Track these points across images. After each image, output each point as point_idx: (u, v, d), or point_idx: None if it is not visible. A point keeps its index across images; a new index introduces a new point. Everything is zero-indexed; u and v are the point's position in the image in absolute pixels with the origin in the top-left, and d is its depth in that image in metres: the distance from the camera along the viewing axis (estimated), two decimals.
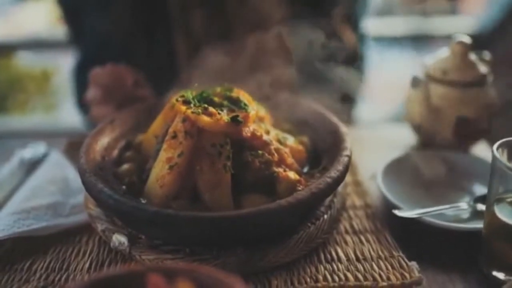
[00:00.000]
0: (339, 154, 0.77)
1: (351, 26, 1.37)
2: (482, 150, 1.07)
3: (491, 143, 1.08)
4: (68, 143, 1.08)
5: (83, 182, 0.72)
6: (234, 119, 0.72)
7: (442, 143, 1.01)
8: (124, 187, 0.74)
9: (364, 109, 1.68)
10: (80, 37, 1.39)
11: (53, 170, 0.94)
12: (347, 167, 0.75)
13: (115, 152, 0.84)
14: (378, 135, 1.21)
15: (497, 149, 0.69)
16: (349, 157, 0.77)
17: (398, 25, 2.95)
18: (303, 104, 0.93)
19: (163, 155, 0.72)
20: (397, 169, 0.93)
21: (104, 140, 0.84)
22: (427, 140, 1.04)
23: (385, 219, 0.83)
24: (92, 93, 1.03)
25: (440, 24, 3.00)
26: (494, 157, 0.68)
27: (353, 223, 0.82)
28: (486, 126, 0.99)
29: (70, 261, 0.74)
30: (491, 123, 1.00)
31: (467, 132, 0.99)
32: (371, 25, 1.53)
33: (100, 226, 0.76)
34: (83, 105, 1.35)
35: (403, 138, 1.14)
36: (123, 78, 1.01)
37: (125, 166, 0.79)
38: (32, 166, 0.97)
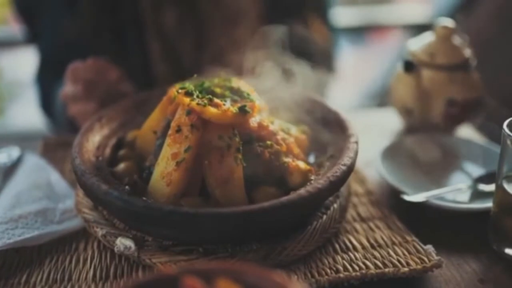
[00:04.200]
0: (347, 141, 0.75)
1: (322, 20, 1.36)
2: (466, 132, 1.09)
3: (475, 125, 1.11)
4: (43, 145, 1.01)
5: (83, 184, 0.66)
6: (242, 109, 0.69)
7: (431, 126, 1.02)
8: (127, 187, 0.69)
9: (335, 97, 1.68)
10: (40, 37, 1.28)
11: (34, 174, 0.86)
12: (357, 153, 0.74)
13: (107, 151, 0.79)
14: (361, 121, 1.20)
15: (507, 127, 0.69)
16: (357, 143, 0.75)
17: (342, 15, 2.97)
18: (300, 93, 0.91)
19: (167, 151, 0.68)
20: (393, 154, 0.93)
21: (95, 139, 0.78)
22: (417, 124, 1.04)
23: (389, 204, 0.83)
24: (70, 89, 0.95)
25: (382, 14, 3.06)
26: (504, 134, 0.69)
27: (359, 211, 0.81)
28: (473, 108, 1.01)
29: (71, 271, 0.68)
30: (477, 105, 1.01)
31: (455, 114, 1.00)
32: None
33: (100, 231, 0.70)
34: (49, 107, 1.26)
35: (387, 123, 1.14)
36: (106, 72, 0.94)
37: (123, 165, 0.74)
38: (8, 171, 0.90)
